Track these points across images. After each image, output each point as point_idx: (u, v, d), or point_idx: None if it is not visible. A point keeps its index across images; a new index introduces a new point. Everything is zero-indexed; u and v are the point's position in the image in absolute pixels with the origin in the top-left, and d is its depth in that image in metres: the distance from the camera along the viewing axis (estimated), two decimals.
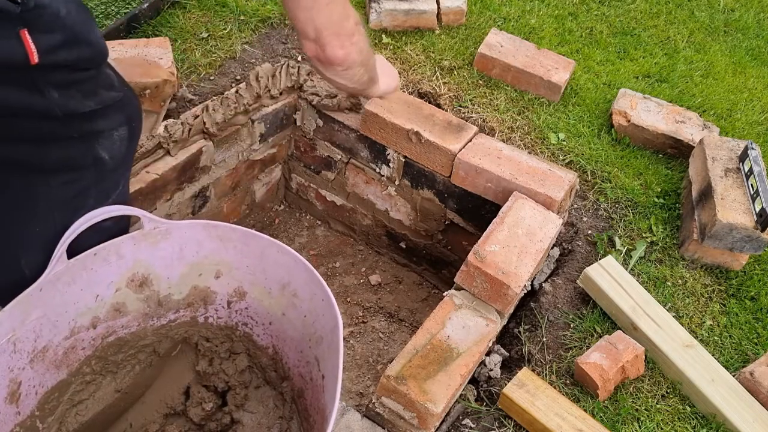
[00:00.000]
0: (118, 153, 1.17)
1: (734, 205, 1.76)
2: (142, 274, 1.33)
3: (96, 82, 1.07)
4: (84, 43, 1.01)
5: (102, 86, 1.09)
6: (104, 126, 1.12)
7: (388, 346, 2.12)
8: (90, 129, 1.10)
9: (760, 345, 1.67)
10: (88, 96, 1.06)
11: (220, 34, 2.20)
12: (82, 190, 1.15)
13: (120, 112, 1.14)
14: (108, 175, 1.18)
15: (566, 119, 2.17)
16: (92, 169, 1.14)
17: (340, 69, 1.15)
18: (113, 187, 1.22)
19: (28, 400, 1.21)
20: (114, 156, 1.16)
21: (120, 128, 1.15)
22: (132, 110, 1.19)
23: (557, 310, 1.71)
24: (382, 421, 1.49)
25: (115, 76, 1.14)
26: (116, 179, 1.22)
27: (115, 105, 1.12)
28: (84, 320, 1.28)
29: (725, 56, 2.63)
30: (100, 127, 1.11)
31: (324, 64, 1.14)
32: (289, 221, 2.51)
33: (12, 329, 1.13)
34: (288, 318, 1.37)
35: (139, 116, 1.23)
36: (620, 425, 1.47)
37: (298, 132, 2.28)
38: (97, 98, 1.08)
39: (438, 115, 2.02)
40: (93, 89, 1.07)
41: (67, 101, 1.03)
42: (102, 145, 1.13)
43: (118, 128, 1.15)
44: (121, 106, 1.14)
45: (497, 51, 2.24)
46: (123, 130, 1.16)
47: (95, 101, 1.07)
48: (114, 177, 1.21)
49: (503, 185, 1.87)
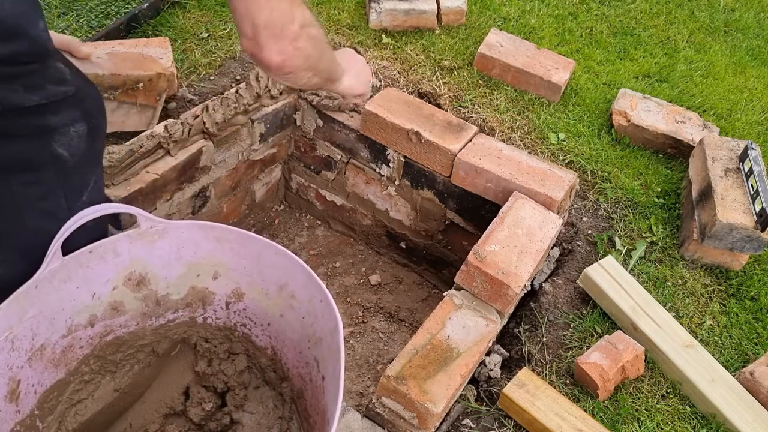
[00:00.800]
0: (78, 150, 1.13)
1: (734, 205, 1.76)
2: (140, 273, 1.33)
3: (42, 76, 1.03)
4: (22, 37, 0.97)
5: (50, 81, 1.05)
6: (57, 122, 1.09)
7: (388, 346, 2.12)
8: (40, 124, 1.06)
9: (760, 345, 1.67)
10: (31, 90, 1.02)
11: (220, 34, 2.20)
12: (49, 191, 1.13)
13: (74, 107, 1.11)
14: (72, 173, 1.15)
15: (566, 119, 2.17)
16: (51, 167, 1.11)
17: (279, 73, 1.05)
18: (82, 185, 1.18)
19: (28, 398, 1.21)
20: (74, 153, 1.13)
21: (76, 124, 1.12)
22: (90, 105, 1.15)
23: (557, 310, 1.71)
24: (382, 421, 1.49)
25: (69, 70, 1.11)
26: (83, 177, 1.19)
27: (66, 100, 1.08)
28: (81, 318, 1.28)
29: (725, 56, 2.63)
30: (52, 123, 1.08)
31: (260, 66, 1.05)
32: (289, 221, 2.50)
33: (9, 327, 1.13)
34: (286, 319, 1.37)
35: (99, 112, 1.19)
36: (620, 425, 1.47)
37: (298, 132, 2.28)
38: (44, 93, 1.04)
39: (438, 115, 2.02)
40: (38, 83, 1.03)
41: (8, 95, 1.00)
42: (58, 141, 1.10)
43: (74, 124, 1.11)
44: (74, 101, 1.10)
45: (497, 51, 2.24)
46: (80, 126, 1.13)
47: (40, 96, 1.03)
48: (79, 175, 1.17)
49: (503, 185, 1.87)
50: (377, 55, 2.25)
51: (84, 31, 2.09)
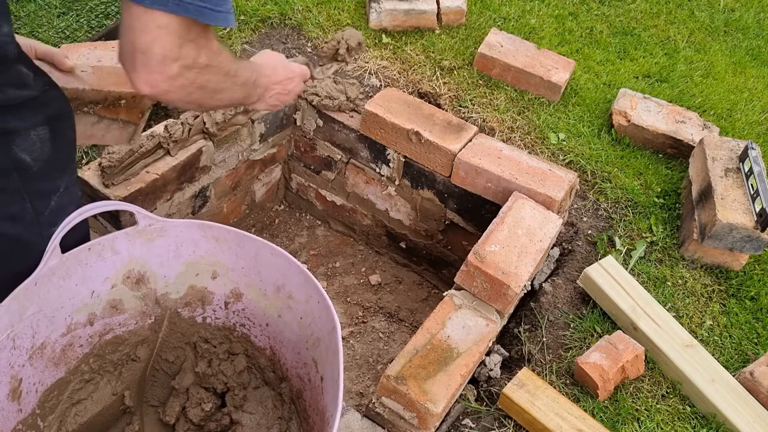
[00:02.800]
0: (41, 155, 1.12)
1: (734, 205, 1.76)
2: (138, 271, 1.33)
3: (2, 79, 1.02)
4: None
5: (9, 84, 1.04)
6: (17, 125, 1.07)
7: (388, 346, 2.12)
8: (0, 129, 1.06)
9: (760, 345, 1.67)
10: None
11: (220, 34, 2.20)
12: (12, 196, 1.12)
13: (36, 111, 1.10)
14: (36, 178, 1.13)
15: (566, 119, 2.17)
16: (15, 172, 1.10)
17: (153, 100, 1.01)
18: (50, 190, 1.17)
19: (29, 397, 1.21)
20: (37, 158, 1.12)
21: (38, 128, 1.10)
22: (54, 110, 1.14)
23: (557, 310, 1.70)
24: (382, 421, 1.49)
25: (32, 74, 1.10)
26: (51, 182, 1.17)
27: (27, 104, 1.07)
28: (81, 317, 1.28)
29: (725, 56, 2.63)
30: (11, 125, 1.07)
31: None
32: (289, 221, 2.50)
33: (10, 325, 1.13)
34: (284, 320, 1.37)
35: (65, 117, 1.18)
36: (620, 425, 1.46)
37: (298, 132, 2.28)
38: (2, 95, 1.03)
39: (438, 115, 2.02)
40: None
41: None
42: (20, 146, 1.09)
43: (36, 128, 1.10)
44: (37, 105, 1.09)
45: (497, 51, 2.24)
46: (42, 131, 1.11)
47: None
48: (46, 180, 1.16)
49: (503, 185, 1.87)
50: (377, 55, 2.25)
51: (84, 31, 2.10)
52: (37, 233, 1.15)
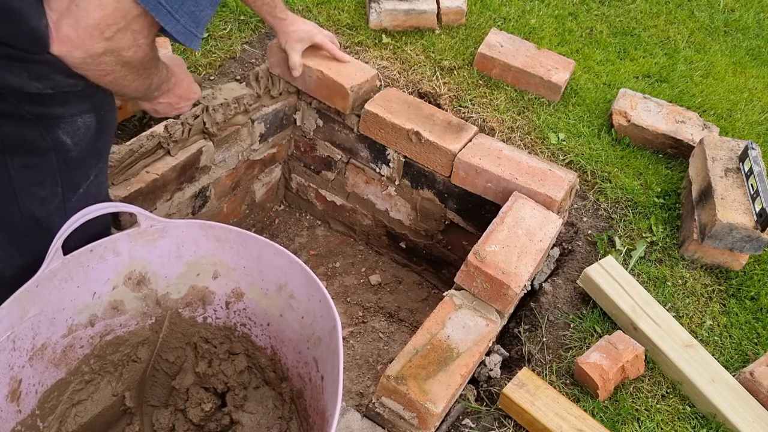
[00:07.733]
0: (83, 139, 1.15)
1: (734, 205, 1.76)
2: (140, 272, 1.33)
3: (49, 67, 1.05)
4: (21, 23, 0.99)
5: (58, 72, 1.07)
6: (63, 111, 1.11)
7: (388, 346, 2.12)
8: (44, 113, 1.09)
9: (760, 345, 1.67)
10: (37, 78, 1.05)
11: (220, 34, 2.20)
12: (46, 177, 1.14)
13: (83, 100, 1.13)
14: (73, 163, 1.17)
15: (566, 119, 2.17)
16: (53, 153, 1.13)
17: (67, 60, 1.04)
18: (82, 176, 1.20)
19: (29, 398, 1.21)
20: (78, 142, 1.15)
21: (84, 115, 1.14)
22: (100, 101, 1.17)
23: (557, 310, 1.71)
24: (382, 421, 1.49)
25: None
26: (85, 169, 1.20)
27: (75, 93, 1.11)
28: (82, 318, 1.28)
29: (725, 56, 2.63)
30: (57, 112, 1.10)
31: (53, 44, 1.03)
32: (289, 221, 2.50)
33: (11, 326, 1.13)
34: (286, 319, 1.37)
35: (110, 108, 1.21)
36: (620, 425, 1.47)
37: (298, 132, 2.28)
38: (50, 82, 1.06)
39: (438, 115, 2.02)
40: (44, 73, 1.05)
41: (6, 75, 1.02)
42: (64, 129, 1.12)
43: (83, 115, 1.14)
44: (84, 95, 1.12)
45: (497, 51, 2.24)
46: (88, 118, 1.15)
47: (45, 84, 1.06)
48: (82, 166, 1.19)
49: (503, 185, 1.87)
50: (377, 55, 2.25)
51: None
52: (59, 222, 1.17)
